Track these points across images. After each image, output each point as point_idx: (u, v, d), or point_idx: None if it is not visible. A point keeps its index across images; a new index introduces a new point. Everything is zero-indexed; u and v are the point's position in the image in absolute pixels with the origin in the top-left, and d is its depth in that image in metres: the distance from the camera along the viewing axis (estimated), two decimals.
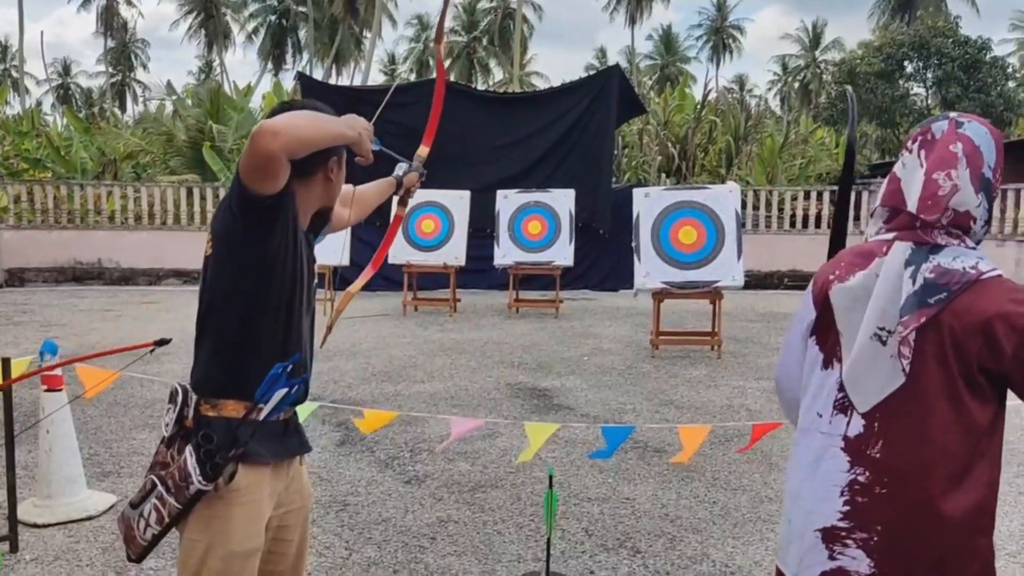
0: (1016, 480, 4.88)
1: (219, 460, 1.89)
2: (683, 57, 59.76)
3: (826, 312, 1.73)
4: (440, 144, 13.76)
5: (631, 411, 6.37)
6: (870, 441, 1.63)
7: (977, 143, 1.66)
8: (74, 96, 60.57)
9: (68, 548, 3.81)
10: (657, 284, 8.86)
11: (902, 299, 1.60)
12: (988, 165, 1.67)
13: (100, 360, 7.81)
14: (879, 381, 1.62)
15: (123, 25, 59.63)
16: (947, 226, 1.64)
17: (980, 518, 1.60)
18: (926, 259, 1.61)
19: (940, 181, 1.63)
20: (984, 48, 24.30)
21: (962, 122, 1.69)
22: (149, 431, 5.63)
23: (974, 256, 1.62)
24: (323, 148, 1.98)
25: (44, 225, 15.53)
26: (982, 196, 1.65)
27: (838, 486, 1.63)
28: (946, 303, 1.57)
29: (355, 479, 4.78)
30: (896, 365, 1.60)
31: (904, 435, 1.60)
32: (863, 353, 1.64)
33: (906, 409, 1.60)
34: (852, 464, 1.63)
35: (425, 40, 56.91)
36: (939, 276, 1.59)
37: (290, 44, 53.98)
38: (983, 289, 1.58)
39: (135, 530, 1.96)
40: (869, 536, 1.59)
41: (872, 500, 1.60)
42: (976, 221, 1.65)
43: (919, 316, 1.57)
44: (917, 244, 1.64)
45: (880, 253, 1.67)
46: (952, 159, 1.64)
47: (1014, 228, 13.64)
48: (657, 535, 4.03)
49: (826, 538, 1.63)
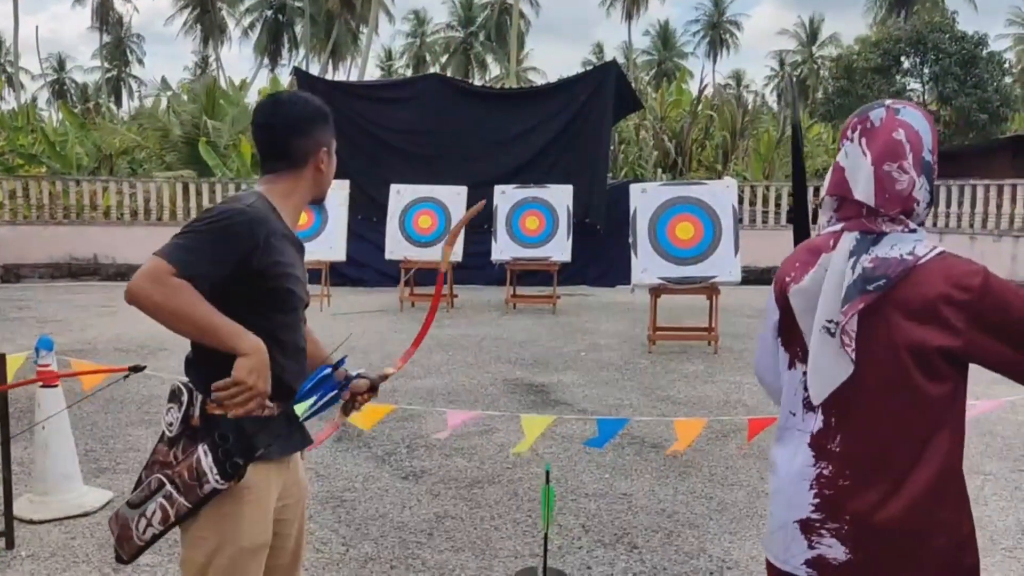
0: (1011, 475, 4.89)
1: (238, 460, 1.88)
2: (680, 52, 59.74)
3: (787, 313, 1.77)
4: (437, 140, 13.83)
5: (628, 406, 6.38)
6: (829, 435, 1.68)
7: (916, 128, 1.69)
8: (69, 91, 60.38)
9: (64, 544, 3.81)
10: (654, 280, 8.86)
11: (843, 290, 1.64)
12: (927, 148, 1.69)
13: (95, 357, 7.79)
14: (830, 373, 1.65)
15: (118, 20, 59.47)
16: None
17: (942, 490, 1.62)
18: (867, 249, 1.65)
19: (895, 175, 1.66)
20: (981, 43, 24.31)
21: (898, 108, 1.72)
22: (145, 427, 5.62)
23: (911, 241, 1.65)
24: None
25: (39, 221, 15.49)
26: (923, 179, 1.68)
27: (807, 480, 1.69)
28: (885, 290, 1.60)
29: (352, 475, 4.78)
30: (844, 356, 1.63)
31: (860, 427, 1.65)
32: (816, 347, 1.67)
33: (858, 400, 1.64)
34: (816, 459, 1.69)
35: (421, 35, 56.83)
36: (877, 266, 1.62)
37: (286, 39, 53.88)
38: (923, 274, 1.61)
39: (132, 530, 1.93)
40: (840, 526, 1.65)
41: (838, 492, 1.66)
42: (919, 203, 1.68)
43: (857, 303, 1.61)
44: (863, 233, 1.67)
45: (827, 248, 1.71)
46: (900, 148, 1.67)
47: (1010, 224, 13.66)
48: (654, 530, 4.04)
49: (804, 529, 1.69)
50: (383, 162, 14.10)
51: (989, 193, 14.03)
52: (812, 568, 1.68)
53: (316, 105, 2.11)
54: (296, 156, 2.06)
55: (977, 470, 4.97)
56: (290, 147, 2.06)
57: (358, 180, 12.91)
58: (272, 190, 2.06)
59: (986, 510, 4.33)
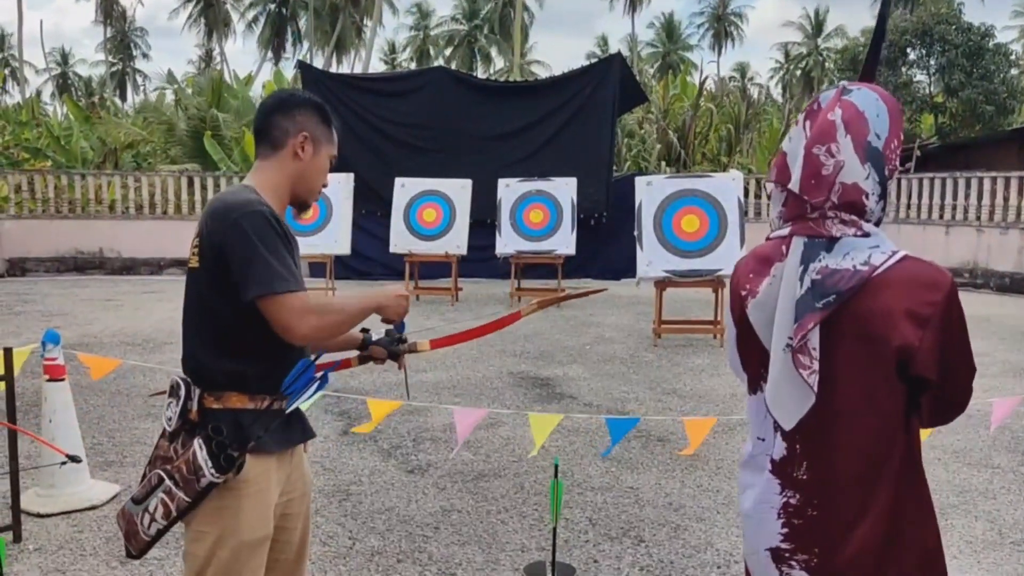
0: (1021, 469, 4.87)
1: (232, 453, 1.88)
2: (685, 45, 59.47)
3: (746, 331, 1.64)
4: (442, 133, 13.82)
5: (634, 400, 6.36)
6: (794, 463, 1.57)
7: (862, 109, 1.53)
8: (73, 85, 60.39)
9: (71, 537, 3.81)
10: (659, 273, 8.84)
11: (794, 305, 1.51)
12: (875, 133, 1.52)
13: (100, 350, 7.81)
14: (797, 395, 1.53)
15: (122, 14, 59.37)
16: (838, 207, 1.52)
17: (903, 507, 1.53)
18: (816, 257, 1.51)
19: (822, 158, 1.51)
20: (987, 35, 24.14)
21: (850, 89, 1.57)
22: (152, 420, 5.62)
23: (866, 248, 1.50)
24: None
25: (45, 215, 15.51)
26: (870, 167, 1.51)
27: (774, 508, 1.60)
28: (836, 305, 1.47)
29: (358, 468, 4.78)
30: (805, 377, 1.51)
31: (826, 453, 1.53)
32: (778, 367, 1.54)
33: (823, 425, 1.52)
34: (783, 487, 1.59)
35: (425, 28, 56.70)
36: (826, 277, 1.49)
37: (290, 33, 53.74)
38: (881, 287, 1.47)
39: (138, 525, 1.94)
40: (809, 558, 1.57)
41: (807, 522, 1.57)
42: (869, 197, 1.51)
43: (807, 323, 1.48)
44: (811, 238, 1.53)
45: (778, 255, 1.58)
46: (831, 129, 1.51)
47: (1017, 216, 13.59)
48: (661, 524, 4.03)
49: (774, 558, 1.61)
50: (388, 155, 14.08)
51: (996, 185, 13.95)
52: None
53: (310, 97, 2.12)
54: (275, 135, 2.06)
55: (986, 464, 4.95)
56: (270, 124, 2.07)
57: (363, 173, 12.91)
58: (256, 178, 2.07)
59: (995, 504, 4.32)
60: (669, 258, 8.90)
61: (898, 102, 1.60)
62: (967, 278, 14.16)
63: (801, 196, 1.55)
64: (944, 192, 14.58)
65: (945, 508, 4.25)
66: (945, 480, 4.67)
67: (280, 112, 2.07)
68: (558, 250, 11.48)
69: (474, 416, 3.94)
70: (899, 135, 1.55)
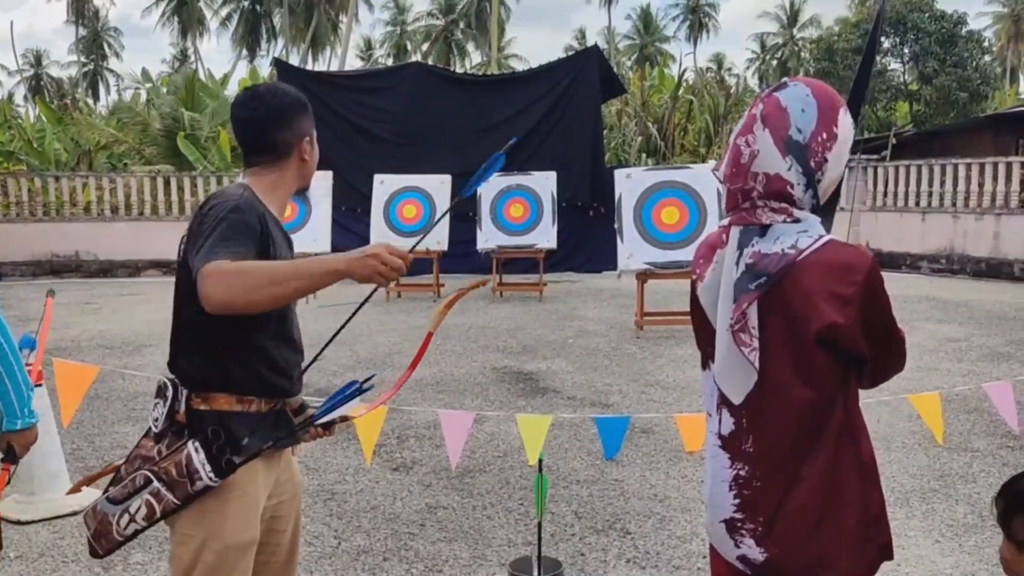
0: (999, 452, 4.93)
1: (234, 459, 1.87)
2: (662, 37, 59.57)
3: (698, 311, 1.75)
4: (421, 129, 13.74)
5: (617, 392, 6.38)
6: (741, 437, 1.66)
7: (784, 104, 1.61)
8: (47, 87, 59.61)
9: (53, 544, 3.77)
10: (640, 265, 8.87)
11: (732, 287, 1.62)
12: (797, 127, 1.60)
13: (78, 355, 7.73)
14: (741, 371, 1.63)
15: (94, 13, 58.67)
16: (766, 196, 1.61)
17: (842, 470, 1.61)
18: (750, 243, 1.61)
19: (742, 148, 1.64)
20: (960, 22, 24.34)
21: (785, 84, 1.66)
22: (132, 424, 5.57)
23: (794, 233, 1.59)
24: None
25: (19, 218, 15.32)
26: (791, 159, 1.59)
27: (726, 481, 1.69)
28: (767, 287, 1.57)
29: (342, 467, 4.76)
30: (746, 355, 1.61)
31: (769, 426, 1.63)
32: (724, 345, 1.65)
33: (765, 400, 1.62)
34: (732, 461, 1.68)
35: (402, 24, 56.44)
36: (758, 260, 1.59)
37: (264, 30, 53.31)
38: (805, 269, 1.56)
39: (112, 525, 1.90)
40: (755, 527, 1.65)
41: (754, 493, 1.65)
42: (794, 187, 1.60)
43: (742, 303, 1.59)
44: (745, 225, 1.63)
45: (720, 243, 1.69)
46: (751, 122, 1.63)
47: (992, 201, 13.74)
48: (646, 516, 4.04)
49: (729, 528, 1.69)
50: (366, 152, 14.02)
51: (971, 171, 14.10)
52: (743, 564, 1.68)
53: (294, 95, 2.09)
54: (281, 149, 2.04)
55: (965, 448, 5.00)
56: (274, 140, 2.04)
57: (341, 171, 12.82)
58: (257, 183, 2.04)
59: (975, 487, 4.37)
60: (650, 250, 8.93)
61: (838, 98, 1.66)
62: (944, 264, 14.31)
63: (726, 184, 1.67)
64: (920, 179, 14.71)
65: (927, 492, 4.30)
66: (926, 465, 4.71)
67: (279, 127, 2.03)
68: (539, 244, 11.48)
69: (464, 421, 3.84)
70: (830, 128, 1.62)
